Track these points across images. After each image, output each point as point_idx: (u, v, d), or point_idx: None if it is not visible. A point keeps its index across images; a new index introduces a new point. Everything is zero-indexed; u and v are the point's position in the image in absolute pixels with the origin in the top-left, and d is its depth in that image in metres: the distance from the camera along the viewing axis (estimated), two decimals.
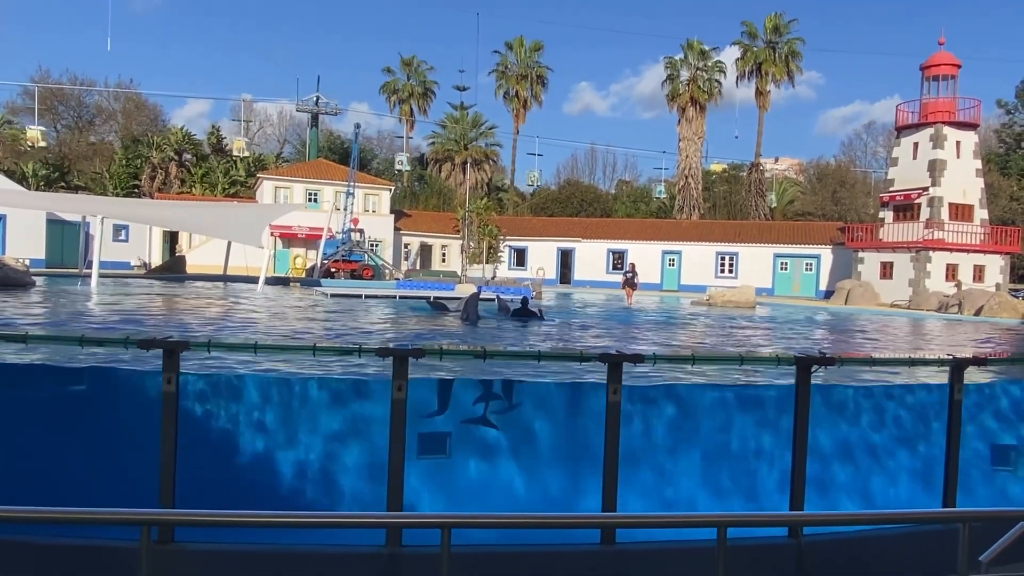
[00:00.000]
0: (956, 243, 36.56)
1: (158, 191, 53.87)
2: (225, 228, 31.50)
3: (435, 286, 31.63)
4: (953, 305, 30.15)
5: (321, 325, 16.02)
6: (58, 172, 55.72)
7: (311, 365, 6.56)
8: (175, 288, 27.75)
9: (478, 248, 48.79)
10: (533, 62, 63.22)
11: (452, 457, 5.22)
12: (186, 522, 2.69)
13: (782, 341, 16.45)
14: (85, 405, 5.26)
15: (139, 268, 42.50)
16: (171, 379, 4.47)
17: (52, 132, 64.57)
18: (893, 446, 5.77)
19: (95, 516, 2.62)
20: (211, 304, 20.97)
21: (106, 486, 4.91)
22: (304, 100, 59.02)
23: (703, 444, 5.45)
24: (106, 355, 6.49)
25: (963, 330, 22.09)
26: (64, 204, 35.73)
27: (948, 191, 37.02)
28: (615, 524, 4.27)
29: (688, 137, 57.64)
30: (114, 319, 15.02)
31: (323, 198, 47.26)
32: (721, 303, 29.73)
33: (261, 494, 5.05)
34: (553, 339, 14.46)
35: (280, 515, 2.59)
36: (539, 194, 65.38)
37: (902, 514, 3.73)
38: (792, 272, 45.19)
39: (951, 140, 37.19)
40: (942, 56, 37.52)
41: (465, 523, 2.45)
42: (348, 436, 5.21)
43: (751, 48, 56.63)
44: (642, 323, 20.26)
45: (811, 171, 73.66)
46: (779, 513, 4.80)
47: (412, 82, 65.22)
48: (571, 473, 5.24)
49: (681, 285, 45.89)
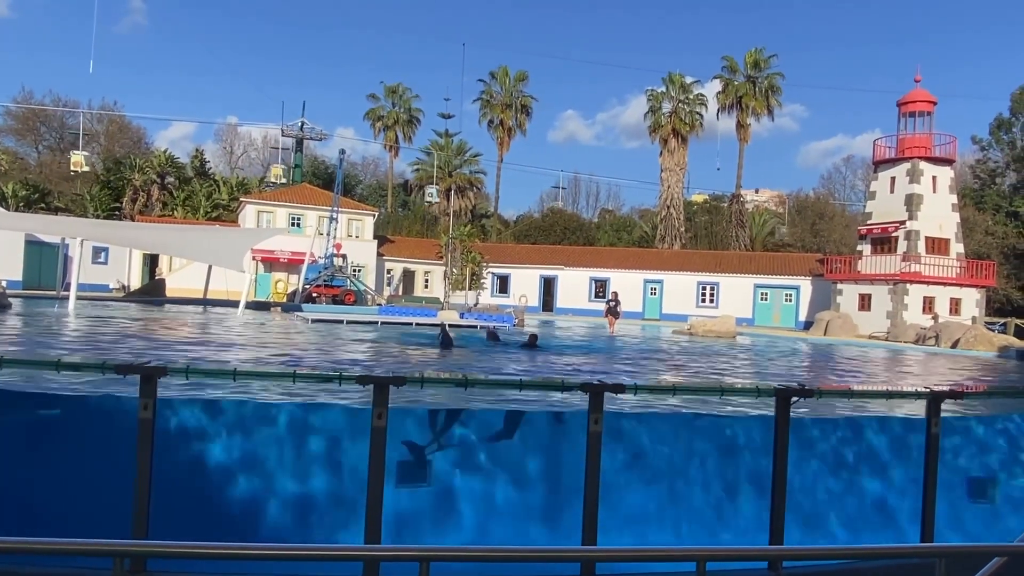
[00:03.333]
0: (933, 276, 37.07)
1: (139, 214, 53.53)
2: (206, 252, 31.28)
3: (417, 312, 31.54)
4: (930, 337, 30.47)
5: (302, 351, 15.90)
6: (38, 193, 55.27)
7: (293, 391, 6.50)
8: (154, 312, 27.45)
9: (461, 275, 48.80)
10: (518, 91, 63.82)
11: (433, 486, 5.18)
12: (159, 554, 2.64)
13: (762, 374, 16.52)
14: (56, 432, 5.18)
15: (118, 291, 42.05)
16: (147, 405, 4.41)
17: (33, 153, 64.21)
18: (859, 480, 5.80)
19: (65, 547, 2.57)
20: (189, 328, 20.76)
21: (77, 516, 4.82)
22: (289, 124, 59.17)
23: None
24: (80, 381, 6.40)
25: (940, 362, 22.32)
26: (43, 225, 35.38)
27: (925, 225, 37.61)
28: (595, 558, 4.24)
29: (670, 168, 58.25)
30: (90, 343, 14.82)
31: (306, 223, 47.17)
32: (702, 332, 29.85)
33: (232, 525, 4.98)
34: (546, 368, 14.41)
35: (254, 547, 2.55)
36: (522, 221, 65.56)
37: (881, 549, 3.73)
38: (772, 303, 45.56)
39: (927, 175, 37.86)
40: (918, 93, 38.32)
41: (443, 556, 2.42)
42: (326, 466, 5.16)
43: (732, 82, 57.55)
44: (629, 352, 20.28)
45: (791, 203, 74.60)
46: (759, 548, 4.80)
47: (397, 109, 65.60)
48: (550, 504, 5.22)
49: (663, 314, 46.08)
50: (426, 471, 5.23)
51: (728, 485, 5.54)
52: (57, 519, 4.79)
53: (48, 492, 4.95)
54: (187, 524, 4.89)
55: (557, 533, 5.09)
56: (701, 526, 5.48)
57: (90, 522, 4.55)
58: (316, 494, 5.16)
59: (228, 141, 74.82)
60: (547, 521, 5.21)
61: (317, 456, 5.25)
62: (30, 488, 4.93)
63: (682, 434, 5.75)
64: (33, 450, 5.05)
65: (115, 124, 65.84)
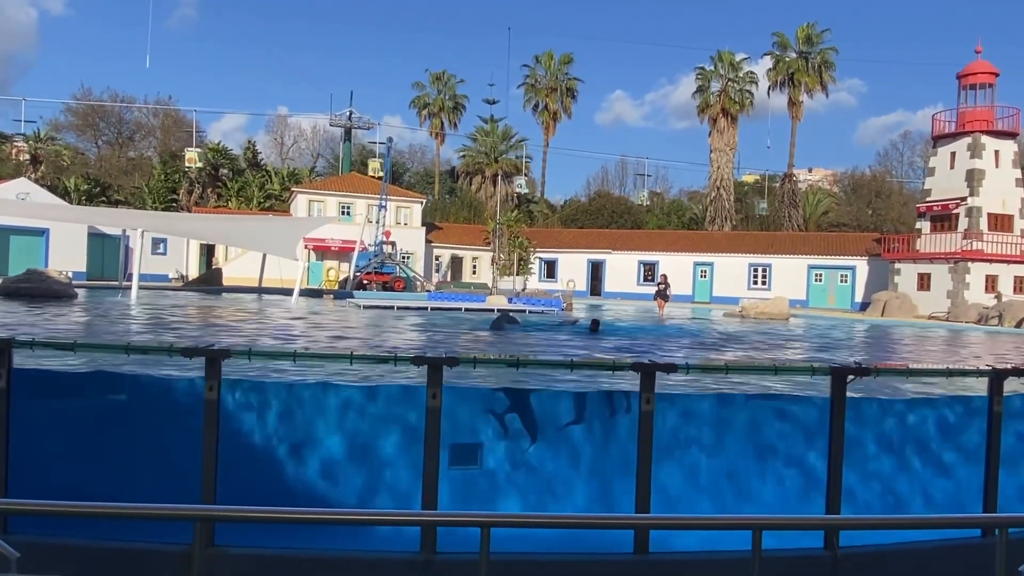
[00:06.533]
0: (995, 254, 35.81)
1: (195, 205, 54.91)
2: (260, 241, 31.99)
3: (466, 298, 31.77)
4: (993, 317, 29.52)
5: (357, 335, 16.19)
6: (99, 187, 57.08)
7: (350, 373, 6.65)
8: (212, 300, 28.22)
9: (508, 260, 48.90)
10: (563, 75, 63.39)
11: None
12: (232, 518, 2.76)
13: (819, 352, 16.25)
14: (124, 412, 5.40)
15: (177, 280, 43.30)
16: (213, 386, 4.58)
17: (93, 148, 66.27)
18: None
19: (143, 511, 2.70)
20: (247, 315, 21.30)
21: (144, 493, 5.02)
22: (338, 115, 59.86)
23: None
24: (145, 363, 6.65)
25: (1003, 342, 21.62)
26: (105, 218, 36.57)
27: (987, 201, 36.32)
28: (649, 525, 4.27)
29: (720, 148, 57.29)
30: (156, 328, 15.34)
31: (355, 211, 47.80)
32: (754, 315, 29.43)
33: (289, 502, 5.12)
34: (602, 349, 14.42)
35: (319, 512, 2.66)
36: (569, 206, 65.22)
37: (938, 519, 3.69)
38: (826, 284, 44.59)
39: (989, 149, 36.51)
40: (979, 64, 36.92)
41: (504, 522, 2.49)
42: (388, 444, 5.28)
43: (783, 59, 56.22)
44: (678, 334, 20.14)
45: (845, 182, 72.71)
46: (815, 516, 4.77)
47: (443, 96, 65.78)
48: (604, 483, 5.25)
49: (713, 297, 45.51)
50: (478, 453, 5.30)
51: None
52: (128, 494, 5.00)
53: (122, 472, 5.17)
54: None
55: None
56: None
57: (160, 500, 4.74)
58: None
59: (279, 132, 76.07)
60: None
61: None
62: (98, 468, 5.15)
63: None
64: (101, 431, 5.27)
65: (170, 118, 67.51)
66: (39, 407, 5.06)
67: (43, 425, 5.03)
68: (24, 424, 4.71)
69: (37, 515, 2.54)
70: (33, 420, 4.90)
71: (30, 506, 2.51)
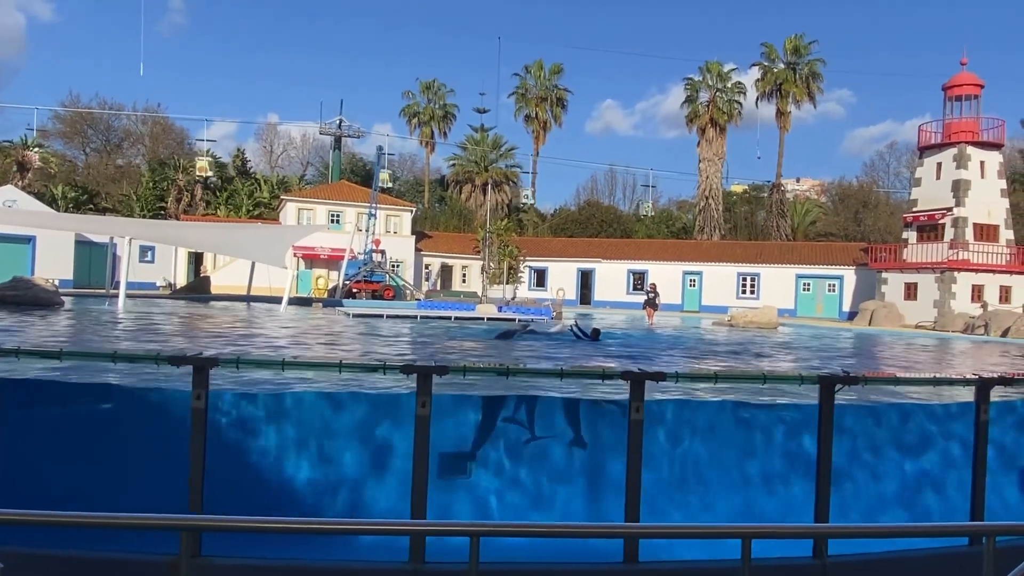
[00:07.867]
0: (981, 264, 36.13)
1: (184, 213, 54.66)
2: (249, 249, 31.86)
3: (456, 306, 31.73)
4: (979, 326, 29.74)
5: (346, 344, 16.14)
6: (86, 194, 56.74)
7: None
8: (200, 308, 28.07)
9: (498, 269, 48.91)
10: (552, 84, 63.60)
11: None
12: (218, 527, 2.73)
13: (806, 362, 16.31)
14: (109, 421, 5.35)
15: (164, 288, 43.04)
16: (200, 395, 4.54)
17: (81, 155, 65.90)
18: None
19: (129, 521, 2.67)
20: (236, 323, 21.19)
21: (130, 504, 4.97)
22: (327, 123, 59.82)
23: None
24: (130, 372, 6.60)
25: (990, 351, 21.78)
26: (92, 226, 36.36)
27: (972, 211, 36.66)
28: (639, 534, 4.27)
29: (708, 158, 57.62)
30: (143, 337, 15.23)
31: (345, 219, 47.71)
32: (743, 324, 29.53)
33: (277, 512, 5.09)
34: (585, 357, 14.44)
35: (306, 522, 2.64)
36: (559, 215, 65.31)
37: (926, 527, 3.69)
38: (815, 293, 44.84)
39: (975, 160, 36.88)
40: (964, 76, 37.31)
41: (493, 531, 2.47)
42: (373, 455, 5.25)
43: (771, 69, 56.65)
44: (668, 343, 20.18)
45: (833, 192, 73.18)
46: (804, 525, 4.77)
47: (433, 105, 65.87)
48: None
49: (702, 306, 45.65)
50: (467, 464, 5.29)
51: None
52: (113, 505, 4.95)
53: (107, 480, 5.12)
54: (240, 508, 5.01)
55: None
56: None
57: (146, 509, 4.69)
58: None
59: (268, 140, 75.87)
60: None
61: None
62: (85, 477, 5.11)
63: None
64: (91, 441, 5.22)
65: (159, 125, 67.22)
66: (23, 416, 5.01)
67: (28, 434, 4.98)
68: (8, 433, 4.66)
69: (21, 525, 2.51)
70: (17, 429, 4.85)
71: (14, 516, 2.47)
